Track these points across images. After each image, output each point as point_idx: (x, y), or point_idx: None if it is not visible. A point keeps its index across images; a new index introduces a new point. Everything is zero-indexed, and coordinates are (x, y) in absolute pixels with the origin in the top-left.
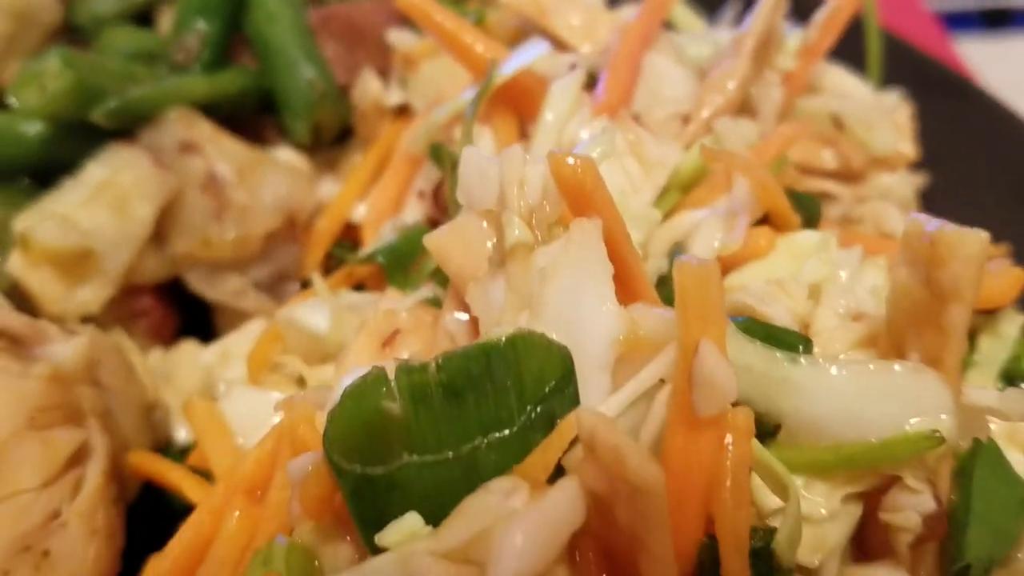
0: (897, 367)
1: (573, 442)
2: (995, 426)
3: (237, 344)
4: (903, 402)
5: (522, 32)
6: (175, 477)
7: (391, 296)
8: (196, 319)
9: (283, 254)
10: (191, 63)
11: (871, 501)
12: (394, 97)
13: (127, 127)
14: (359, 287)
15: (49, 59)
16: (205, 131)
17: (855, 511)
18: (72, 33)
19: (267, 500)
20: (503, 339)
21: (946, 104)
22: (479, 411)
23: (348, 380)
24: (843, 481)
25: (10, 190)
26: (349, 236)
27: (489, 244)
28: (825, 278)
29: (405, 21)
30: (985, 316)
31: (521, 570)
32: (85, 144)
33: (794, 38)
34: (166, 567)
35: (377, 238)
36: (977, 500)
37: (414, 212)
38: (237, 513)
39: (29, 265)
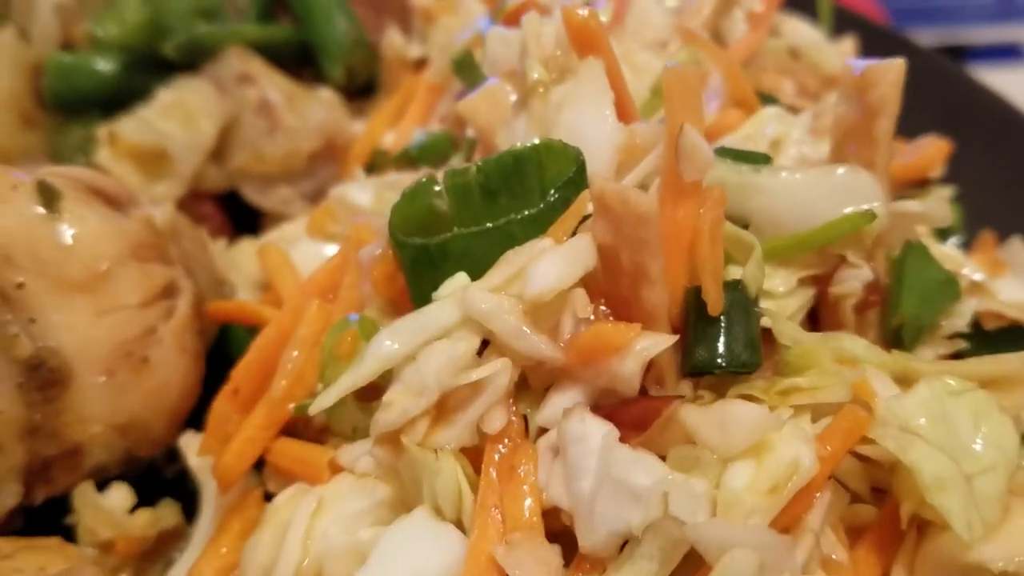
0: (839, 169)
1: (584, 219)
2: None
3: (290, 232)
4: (843, 195)
5: None
6: (253, 309)
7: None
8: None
9: (324, 171)
10: (240, 19)
11: (822, 284)
12: (415, 51)
13: (191, 61)
14: None
15: None
16: (258, 66)
17: (809, 292)
18: None
19: (338, 299)
20: (529, 145)
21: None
22: (510, 204)
23: None
24: (799, 267)
25: (86, 120)
26: None
27: (511, 98)
28: (782, 134)
29: None
30: (919, 189)
31: (546, 287)
32: (154, 77)
33: None
34: (255, 356)
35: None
36: (908, 278)
37: None
38: (315, 305)
39: (114, 158)
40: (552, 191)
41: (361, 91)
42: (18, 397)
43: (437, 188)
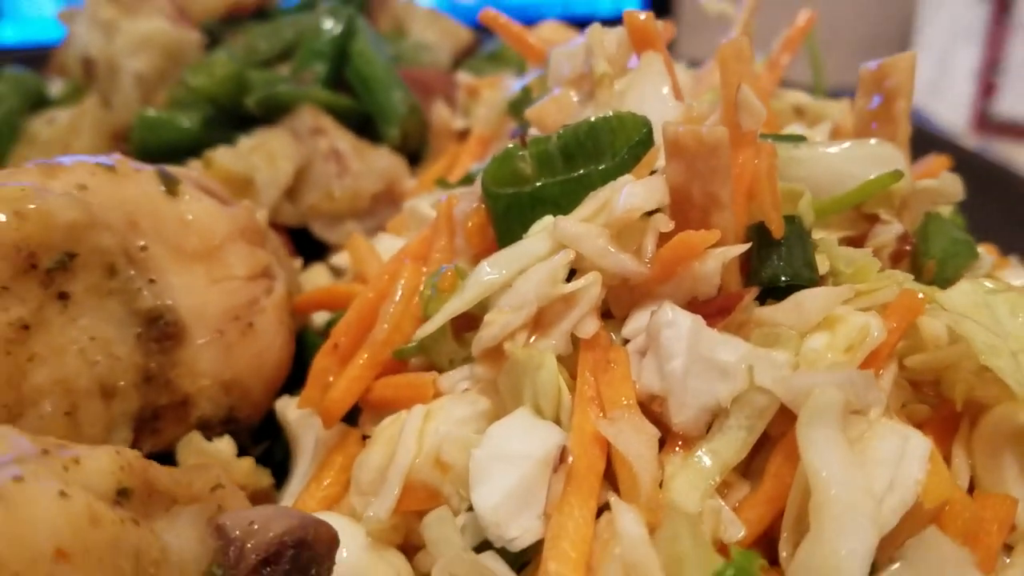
0: (870, 141)
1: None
2: None
3: None
4: (873, 163)
5: None
6: (344, 290)
7: None
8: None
9: (384, 212)
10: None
11: (858, 244)
12: (459, 122)
13: (269, 115)
14: None
15: (218, 53)
16: (328, 122)
17: None
18: None
19: (430, 260)
20: (602, 116)
21: None
22: (586, 165)
23: None
24: (837, 229)
25: None
26: None
27: (575, 100)
28: (808, 134)
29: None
30: None
31: (632, 206)
32: (233, 131)
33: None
34: (354, 313)
35: None
36: (932, 238)
37: None
38: (410, 265)
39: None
40: (624, 150)
41: (411, 159)
42: (137, 346)
43: (521, 153)
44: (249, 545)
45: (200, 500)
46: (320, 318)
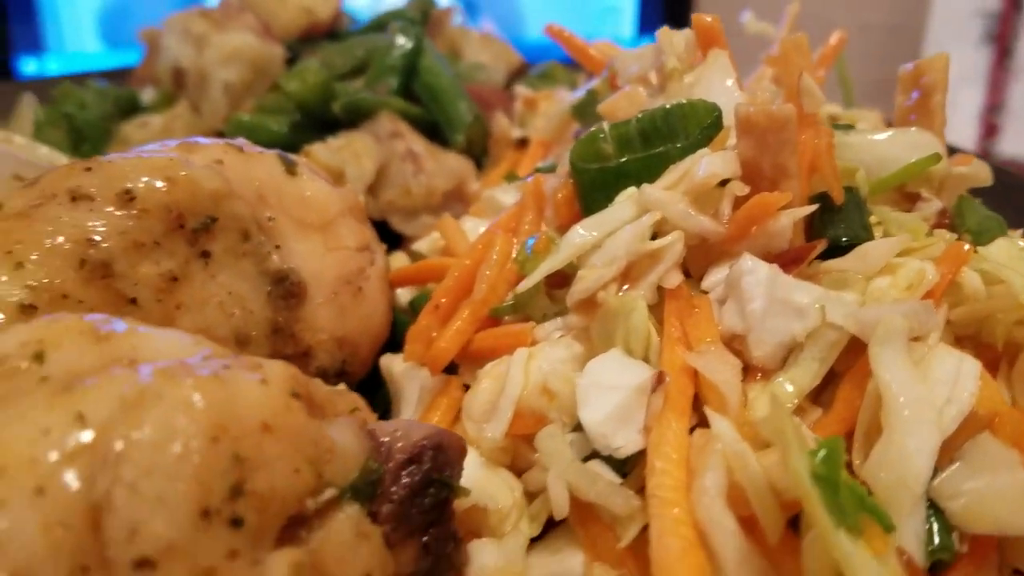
0: (912, 129)
1: None
2: None
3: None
4: (914, 148)
5: None
6: (438, 262)
7: None
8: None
9: (454, 207)
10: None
11: None
12: (517, 132)
13: (352, 120)
14: None
15: (310, 60)
16: (405, 126)
17: None
18: None
19: (520, 232)
20: (676, 103)
21: None
22: (662, 145)
23: None
24: (884, 204)
25: None
26: None
27: (644, 95)
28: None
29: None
30: None
31: (711, 172)
32: (317, 136)
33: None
34: (453, 278)
35: None
36: (965, 215)
37: None
38: (503, 235)
39: None
40: (698, 130)
41: (474, 164)
42: (267, 302)
43: (603, 135)
44: (398, 446)
45: (344, 416)
46: (403, 296)
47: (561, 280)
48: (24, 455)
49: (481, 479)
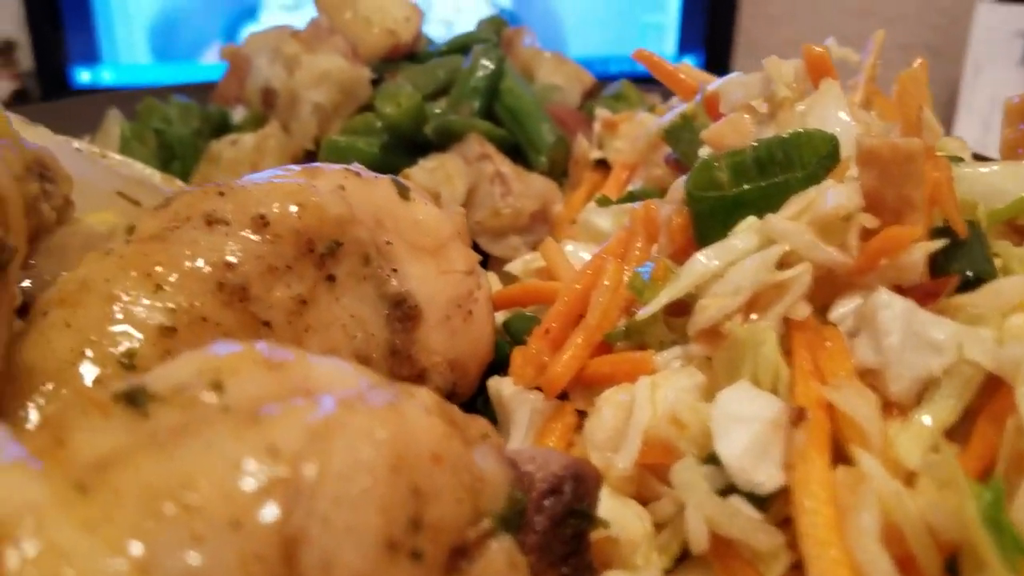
0: (1021, 163)
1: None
2: None
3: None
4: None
5: None
6: (543, 286)
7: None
8: None
9: (540, 228)
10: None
11: None
12: (596, 153)
13: (441, 142)
14: None
15: (404, 84)
16: (492, 149)
17: None
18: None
19: (628, 258)
20: (793, 132)
21: None
22: (779, 174)
23: None
24: (992, 237)
25: None
26: None
27: (750, 124)
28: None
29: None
30: None
31: (839, 204)
32: (406, 157)
33: None
34: (563, 304)
35: None
36: None
37: None
38: (613, 261)
39: None
40: (815, 160)
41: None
42: (385, 325)
43: (717, 164)
44: (538, 476)
45: (481, 443)
46: (497, 318)
47: (678, 308)
48: (218, 488)
49: (611, 509)
